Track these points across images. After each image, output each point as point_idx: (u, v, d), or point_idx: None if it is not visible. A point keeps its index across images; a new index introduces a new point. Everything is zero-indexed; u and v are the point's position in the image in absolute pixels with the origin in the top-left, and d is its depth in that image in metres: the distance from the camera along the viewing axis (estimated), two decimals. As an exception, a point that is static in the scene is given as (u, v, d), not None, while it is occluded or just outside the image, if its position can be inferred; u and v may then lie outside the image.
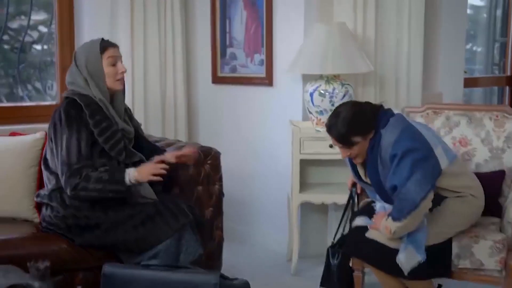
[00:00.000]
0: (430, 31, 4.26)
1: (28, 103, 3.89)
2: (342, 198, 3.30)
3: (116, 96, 2.75)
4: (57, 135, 2.59)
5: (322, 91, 3.35)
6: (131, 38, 3.81)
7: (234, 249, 3.62)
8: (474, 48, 5.67)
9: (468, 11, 5.69)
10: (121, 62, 2.73)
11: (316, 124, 3.43)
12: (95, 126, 2.58)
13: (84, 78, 2.66)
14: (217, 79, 4.14)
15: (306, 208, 3.60)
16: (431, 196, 2.52)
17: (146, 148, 2.83)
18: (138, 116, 3.86)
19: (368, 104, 2.69)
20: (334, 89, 3.34)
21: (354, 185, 2.89)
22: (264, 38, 3.81)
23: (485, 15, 5.55)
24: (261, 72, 3.86)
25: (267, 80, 3.82)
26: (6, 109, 3.74)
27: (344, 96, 3.36)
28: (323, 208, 3.63)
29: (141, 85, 3.88)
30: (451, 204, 2.66)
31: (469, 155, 3.20)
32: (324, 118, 3.37)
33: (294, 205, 3.40)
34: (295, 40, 3.59)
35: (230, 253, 3.32)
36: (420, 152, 2.52)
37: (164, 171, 2.57)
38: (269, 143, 3.84)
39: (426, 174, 2.50)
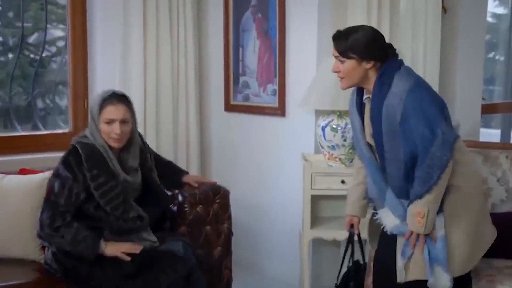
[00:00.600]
0: (446, 61, 4.20)
1: (40, 132, 3.88)
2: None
3: (123, 151, 2.74)
4: (54, 178, 2.64)
5: (335, 126, 3.30)
6: (143, 64, 3.79)
7: (245, 280, 3.58)
8: (494, 71, 5.60)
9: (487, 34, 5.65)
10: (122, 122, 2.65)
11: (328, 158, 3.38)
12: (92, 180, 2.59)
13: (93, 124, 2.69)
14: (230, 107, 4.11)
15: (318, 242, 3.54)
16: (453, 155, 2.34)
17: (159, 191, 2.85)
18: (150, 144, 3.86)
19: (384, 40, 2.50)
20: (346, 124, 3.29)
21: (352, 226, 2.77)
22: (277, 68, 3.78)
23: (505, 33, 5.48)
24: (274, 102, 3.82)
25: (280, 111, 3.78)
26: (18, 138, 3.74)
27: (356, 131, 3.30)
28: (335, 242, 3.57)
29: (153, 112, 3.86)
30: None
31: (484, 194, 3.13)
32: (337, 153, 3.34)
33: (305, 241, 3.35)
34: (308, 72, 3.54)
35: (241, 284, 3.28)
36: (437, 106, 2.35)
37: (136, 251, 2.58)
38: (281, 174, 3.80)
39: (447, 132, 2.30)
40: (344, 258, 2.87)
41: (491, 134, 5.62)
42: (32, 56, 4.00)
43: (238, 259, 3.81)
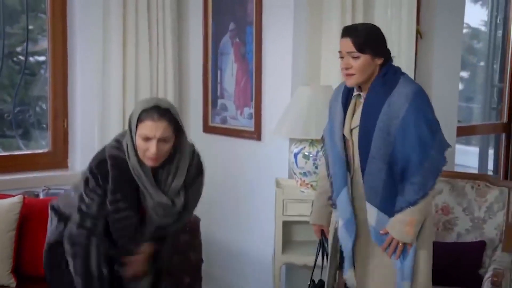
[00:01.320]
0: (421, 84, 4.26)
1: (18, 152, 3.91)
2: (325, 260, 3.32)
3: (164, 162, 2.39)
4: (85, 188, 2.38)
5: (306, 153, 3.36)
6: (122, 85, 3.81)
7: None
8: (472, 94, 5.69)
9: (466, 54, 5.73)
10: (162, 141, 2.30)
11: (300, 185, 3.44)
12: (111, 204, 2.35)
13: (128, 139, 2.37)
14: (208, 129, 4.17)
15: (291, 266, 3.60)
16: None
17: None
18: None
19: None
20: (318, 151, 3.35)
21: (322, 232, 2.80)
22: (253, 92, 3.83)
23: (482, 63, 5.56)
24: (250, 126, 3.87)
25: (256, 135, 3.83)
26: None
27: (328, 158, 3.36)
28: (306, 267, 3.62)
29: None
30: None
31: (450, 223, 3.21)
32: (308, 179, 3.40)
33: (276, 266, 3.41)
34: (283, 98, 3.60)
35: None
36: (433, 116, 2.41)
37: None
38: (255, 198, 3.85)
39: (443, 139, 2.40)
40: (314, 266, 2.88)
41: (470, 152, 5.69)
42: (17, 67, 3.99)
43: (211, 279, 3.88)
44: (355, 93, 2.51)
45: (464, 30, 5.61)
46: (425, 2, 4.27)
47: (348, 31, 2.43)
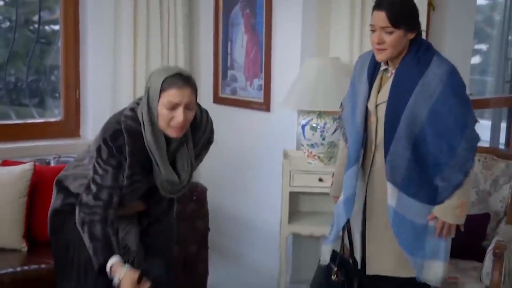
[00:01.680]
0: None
1: (33, 120, 3.98)
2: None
3: (175, 140, 2.33)
4: (97, 160, 2.32)
5: (314, 125, 3.38)
6: (134, 53, 3.86)
7: (225, 268, 3.69)
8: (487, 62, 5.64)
9: (484, 26, 5.66)
10: (186, 108, 2.23)
11: (308, 156, 3.47)
12: (128, 177, 2.31)
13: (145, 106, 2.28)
14: (218, 100, 4.20)
15: (297, 236, 3.65)
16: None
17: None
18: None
19: None
20: (325, 123, 3.37)
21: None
22: (263, 63, 3.85)
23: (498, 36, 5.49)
24: (260, 97, 3.90)
25: (265, 106, 3.86)
26: (10, 127, 3.85)
27: (335, 130, 3.38)
28: (313, 237, 3.68)
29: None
30: None
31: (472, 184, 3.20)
32: (316, 151, 3.43)
33: (283, 236, 3.46)
34: (292, 70, 3.61)
35: (221, 272, 3.36)
36: (467, 96, 2.38)
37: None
38: (263, 169, 3.89)
39: (474, 117, 2.36)
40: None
41: (482, 126, 5.65)
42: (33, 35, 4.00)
43: (219, 248, 3.95)
44: (383, 67, 2.44)
45: (485, 2, 5.55)
46: (438, -25, 4.23)
47: (382, 4, 2.33)
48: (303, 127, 3.42)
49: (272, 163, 3.76)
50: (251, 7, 3.89)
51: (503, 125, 5.26)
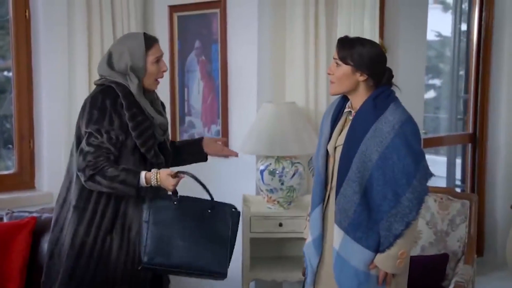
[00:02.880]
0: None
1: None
2: (294, 276, 3.35)
3: (150, 93, 2.69)
4: (88, 124, 2.52)
5: (272, 170, 3.39)
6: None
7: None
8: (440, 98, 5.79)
9: (436, 62, 5.83)
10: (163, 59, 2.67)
11: (267, 201, 3.46)
12: (131, 119, 2.52)
13: (120, 74, 2.57)
14: (176, 146, 4.17)
15: (260, 282, 3.62)
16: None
17: (172, 147, 2.87)
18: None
19: (386, 63, 2.49)
20: (283, 168, 3.38)
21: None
22: (220, 109, 3.86)
23: (447, 68, 5.64)
24: (218, 143, 3.89)
25: (223, 152, 3.85)
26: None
27: (294, 175, 3.39)
28: (275, 283, 3.65)
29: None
30: None
31: (414, 237, 3.24)
32: (275, 196, 3.43)
33: (245, 283, 3.42)
34: (249, 115, 3.64)
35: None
36: (421, 147, 2.42)
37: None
38: (224, 215, 3.86)
39: (427, 169, 2.36)
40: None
41: (438, 162, 5.77)
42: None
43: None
44: (347, 109, 2.50)
45: (436, 38, 5.72)
46: (388, 16, 4.34)
47: (342, 40, 2.48)
48: (261, 172, 3.42)
49: (233, 209, 3.73)
50: (206, 54, 3.92)
51: (458, 161, 5.37)
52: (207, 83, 3.95)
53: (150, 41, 2.60)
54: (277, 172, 3.38)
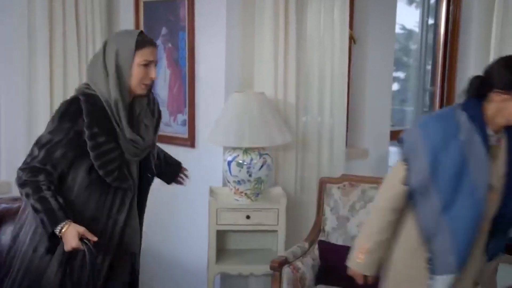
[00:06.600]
0: (355, 88, 4.31)
1: None
2: (260, 269, 3.30)
3: (138, 99, 2.44)
4: (48, 125, 2.33)
5: (240, 161, 3.32)
6: (50, 104, 3.66)
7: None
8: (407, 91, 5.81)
9: (401, 55, 5.84)
10: (155, 67, 2.41)
11: (234, 193, 3.40)
12: (90, 139, 2.29)
13: (104, 72, 2.34)
14: (141, 135, 4.07)
15: (226, 276, 3.56)
16: None
17: (157, 166, 2.68)
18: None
19: None
20: (252, 159, 3.32)
21: (365, 277, 2.38)
22: (187, 98, 3.77)
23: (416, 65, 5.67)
24: (184, 133, 3.81)
25: (189, 142, 3.77)
26: None
27: (262, 166, 3.34)
28: (241, 277, 3.59)
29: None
30: None
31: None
32: (242, 188, 3.37)
33: (210, 276, 3.36)
34: (216, 105, 3.56)
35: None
36: None
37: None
38: (189, 206, 3.79)
39: None
40: None
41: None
42: None
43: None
44: (492, 134, 2.20)
45: (401, 31, 5.73)
46: (357, 8, 4.31)
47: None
48: (229, 163, 3.36)
49: (198, 201, 3.67)
50: (173, 41, 3.82)
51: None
52: (173, 71, 3.86)
53: (142, 42, 2.35)
54: (245, 163, 3.32)
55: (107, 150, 2.34)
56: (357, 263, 2.33)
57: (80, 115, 2.29)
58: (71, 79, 3.73)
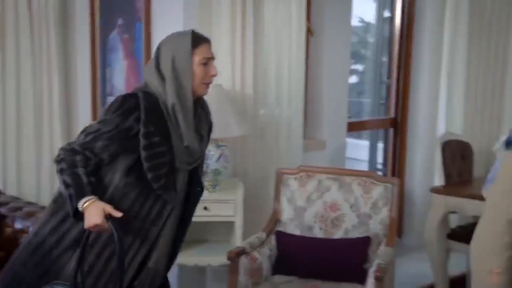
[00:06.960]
0: (313, 80, 4.35)
1: None
2: (217, 260, 3.31)
3: (198, 103, 2.33)
4: (100, 116, 2.24)
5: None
6: (2, 91, 3.61)
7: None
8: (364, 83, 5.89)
9: (359, 48, 5.91)
10: (213, 63, 2.31)
11: (193, 184, 3.40)
12: (145, 137, 2.17)
13: (160, 77, 2.23)
14: (97, 127, 4.03)
15: (182, 267, 3.56)
16: None
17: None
18: (10, 167, 3.71)
19: None
20: (209, 151, 3.32)
21: None
22: (143, 90, 3.74)
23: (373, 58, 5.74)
24: (141, 125, 3.78)
25: (146, 134, 3.75)
26: None
27: (219, 157, 3.35)
28: (198, 268, 3.60)
29: (13, 133, 3.71)
30: None
31: (338, 220, 3.28)
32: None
33: (168, 268, 3.35)
34: (173, 96, 3.54)
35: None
36: None
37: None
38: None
39: None
40: None
41: (361, 145, 5.89)
42: None
43: None
44: None
45: (359, 24, 5.79)
46: (314, 0, 4.34)
47: None
48: (186, 155, 3.35)
49: (156, 193, 3.65)
50: (130, 32, 3.79)
51: (380, 146, 5.48)
52: (130, 62, 3.83)
53: (198, 40, 2.28)
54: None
55: (160, 153, 2.20)
56: None
57: (134, 111, 2.17)
58: (24, 73, 3.68)
